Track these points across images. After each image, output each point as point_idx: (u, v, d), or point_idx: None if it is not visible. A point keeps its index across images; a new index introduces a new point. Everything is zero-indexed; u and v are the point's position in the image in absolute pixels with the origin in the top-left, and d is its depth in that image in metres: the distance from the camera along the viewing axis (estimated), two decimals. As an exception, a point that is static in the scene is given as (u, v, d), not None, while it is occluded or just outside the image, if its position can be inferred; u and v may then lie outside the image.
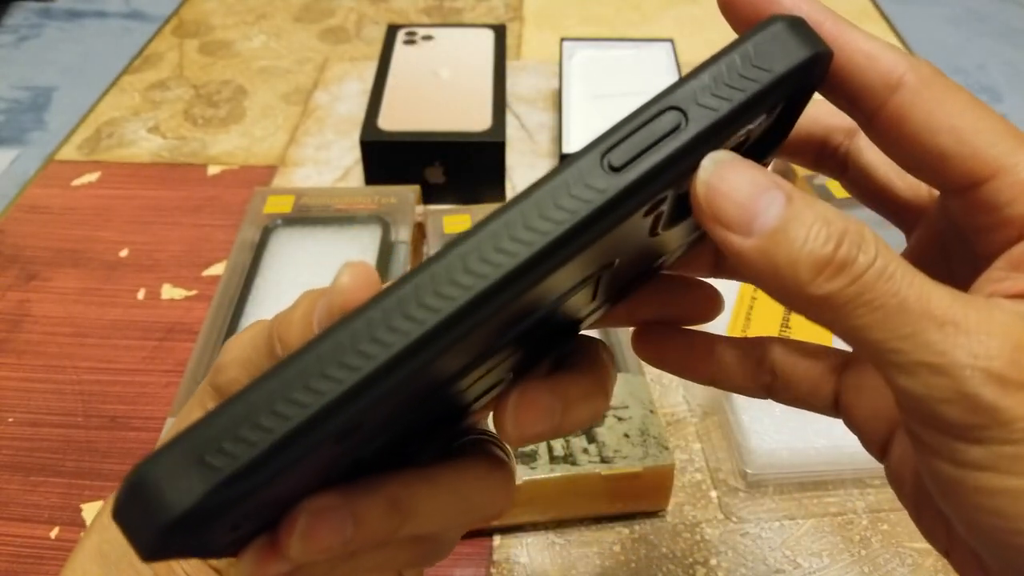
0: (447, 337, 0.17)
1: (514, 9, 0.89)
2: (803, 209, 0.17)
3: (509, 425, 0.21)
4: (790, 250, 0.17)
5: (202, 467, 0.16)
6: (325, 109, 0.74)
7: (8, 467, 0.46)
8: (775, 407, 0.44)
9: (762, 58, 0.18)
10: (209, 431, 0.16)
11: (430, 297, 0.17)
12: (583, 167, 0.18)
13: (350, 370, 0.16)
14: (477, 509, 0.23)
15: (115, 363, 0.51)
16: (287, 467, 0.17)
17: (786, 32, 0.19)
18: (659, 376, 0.50)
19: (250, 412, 0.16)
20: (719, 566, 0.41)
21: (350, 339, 0.16)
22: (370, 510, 0.20)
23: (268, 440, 0.16)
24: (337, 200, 0.56)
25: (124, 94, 0.76)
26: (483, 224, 0.17)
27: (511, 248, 0.17)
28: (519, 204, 0.17)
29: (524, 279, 0.17)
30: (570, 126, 0.63)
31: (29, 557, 0.42)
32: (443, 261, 0.17)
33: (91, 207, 0.63)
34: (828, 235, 0.17)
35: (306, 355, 0.17)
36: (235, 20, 0.87)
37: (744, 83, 0.18)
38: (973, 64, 0.87)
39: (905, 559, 0.41)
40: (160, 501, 0.16)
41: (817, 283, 0.17)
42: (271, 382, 0.16)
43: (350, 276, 0.19)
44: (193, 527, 0.16)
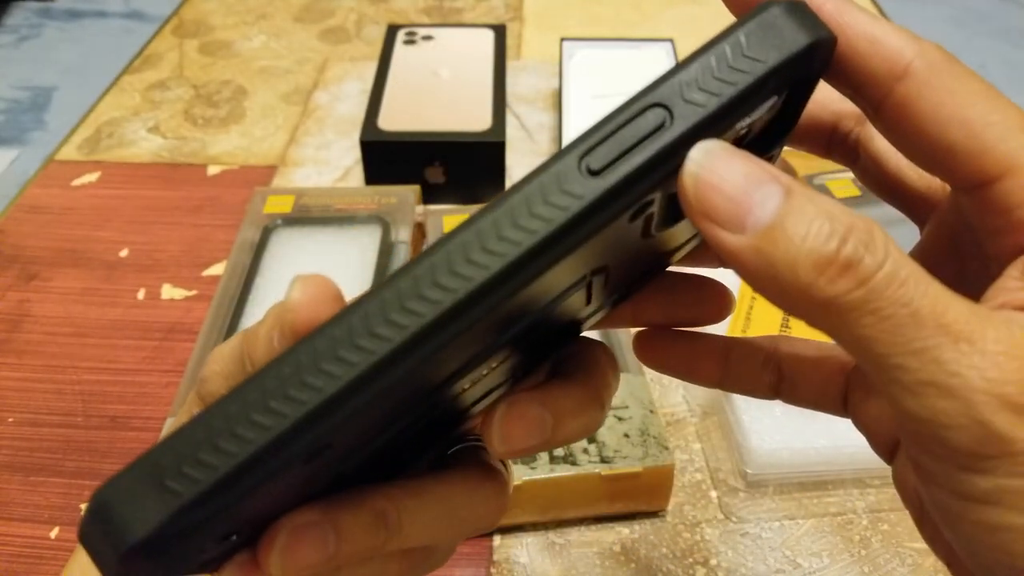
0: (413, 355, 0.16)
1: (514, 9, 0.89)
2: (804, 203, 0.16)
3: (496, 440, 0.20)
4: (788, 248, 0.15)
5: (162, 491, 0.15)
6: (325, 109, 0.74)
7: (8, 467, 0.46)
8: (775, 407, 0.44)
9: (755, 47, 0.17)
10: (169, 453, 0.16)
11: (396, 313, 0.16)
12: (560, 171, 0.16)
13: (312, 390, 0.16)
14: (467, 522, 0.22)
15: (115, 363, 0.51)
16: (251, 490, 0.16)
17: (783, 17, 0.17)
18: (659, 376, 0.50)
19: (211, 434, 0.16)
20: (719, 566, 0.41)
21: (312, 357, 0.16)
22: (354, 525, 0.19)
23: (230, 463, 0.16)
24: (337, 200, 0.56)
25: (124, 94, 0.76)
26: (455, 233, 0.16)
27: (482, 260, 0.16)
28: (493, 211, 0.16)
29: (496, 292, 0.16)
30: (570, 126, 0.63)
31: (29, 557, 0.42)
32: (413, 272, 0.16)
33: (91, 207, 0.63)
34: (832, 231, 0.15)
35: (266, 375, 0.16)
36: (235, 20, 0.87)
37: (735, 76, 0.17)
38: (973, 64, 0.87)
39: (905, 559, 0.41)
40: (120, 526, 0.15)
41: (819, 285, 0.15)
42: (231, 404, 0.16)
43: (300, 291, 0.18)
44: (158, 552, 0.16)
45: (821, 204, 0.16)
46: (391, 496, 0.20)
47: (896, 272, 0.15)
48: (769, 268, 0.16)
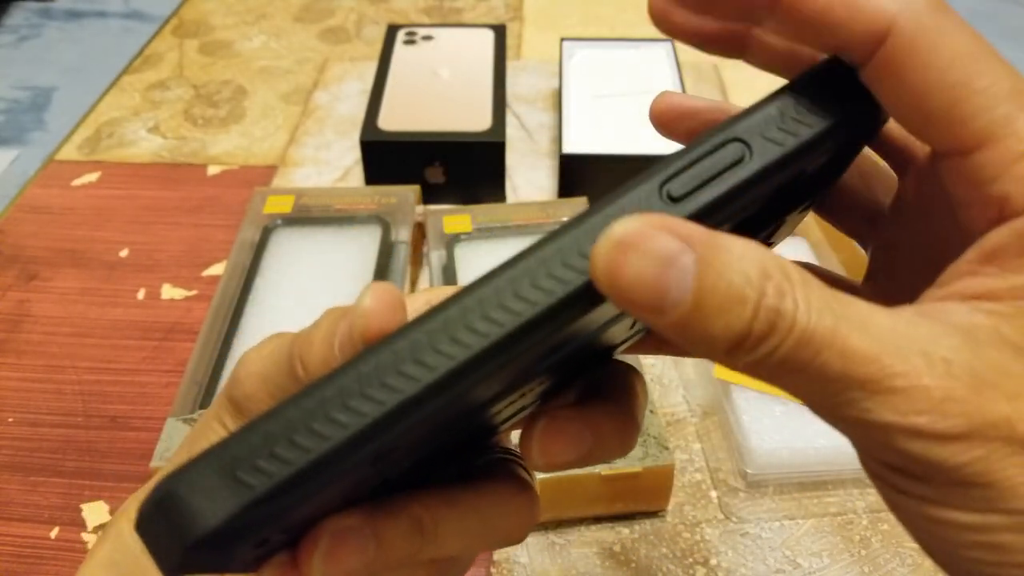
0: (495, 360, 0.16)
1: (514, 9, 0.89)
2: (717, 279, 0.15)
3: (536, 453, 0.21)
4: (705, 329, 0.15)
5: (235, 484, 0.16)
6: (325, 109, 0.74)
7: (8, 467, 0.46)
8: (775, 407, 0.44)
9: (814, 108, 0.18)
10: (242, 447, 0.16)
11: (480, 321, 0.16)
12: (641, 195, 0.17)
13: (392, 391, 0.16)
14: (500, 532, 0.22)
15: (115, 363, 0.51)
16: (321, 488, 0.16)
17: (834, 82, 0.18)
18: (659, 376, 0.50)
19: (286, 430, 0.16)
20: (719, 566, 0.41)
21: (393, 359, 0.16)
22: (393, 532, 0.20)
23: (304, 459, 0.16)
24: (337, 200, 0.56)
25: (124, 94, 0.76)
26: (538, 246, 0.17)
27: (562, 275, 0.16)
28: (572, 231, 0.17)
29: (572, 309, 0.16)
30: (570, 126, 0.63)
31: (29, 557, 0.42)
32: (496, 281, 0.16)
33: (91, 207, 0.63)
34: (744, 305, 0.15)
35: (344, 375, 0.16)
36: (235, 20, 0.87)
37: (812, 119, 0.18)
38: (973, 64, 0.87)
39: (905, 559, 0.41)
40: (189, 517, 0.15)
41: (735, 357, 0.16)
42: (308, 400, 0.16)
43: (373, 299, 0.18)
44: (220, 544, 0.16)
45: (735, 269, 0.15)
46: (428, 505, 0.21)
47: (804, 329, 0.15)
48: (690, 342, 0.16)
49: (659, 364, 0.51)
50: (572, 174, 0.61)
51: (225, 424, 0.24)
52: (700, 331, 0.16)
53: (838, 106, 0.18)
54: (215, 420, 0.24)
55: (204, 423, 0.25)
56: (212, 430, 0.24)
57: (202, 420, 0.25)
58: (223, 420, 0.24)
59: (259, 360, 0.23)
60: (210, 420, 0.24)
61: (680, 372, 0.50)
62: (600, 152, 0.60)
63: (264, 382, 0.22)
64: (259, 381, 0.22)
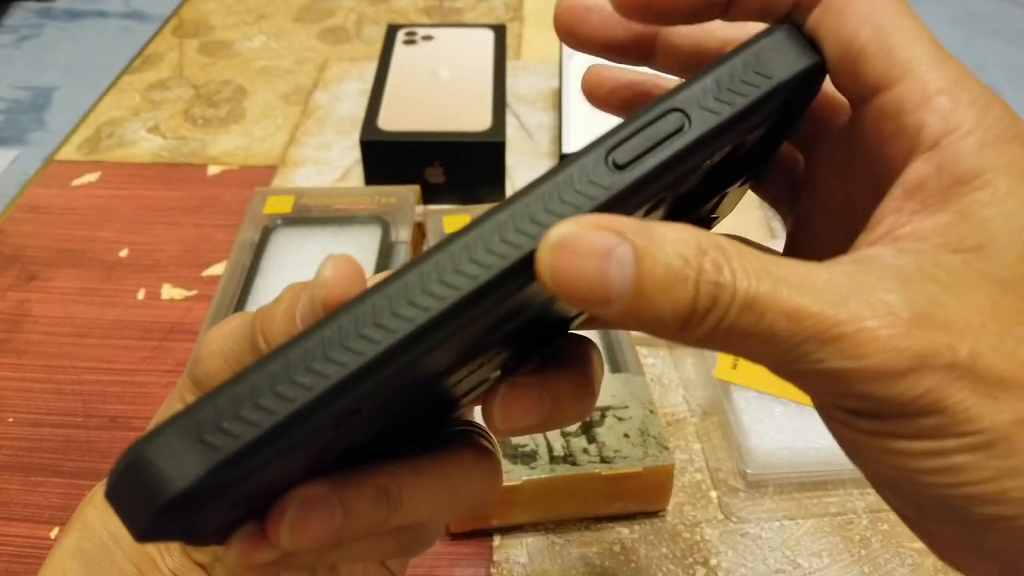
0: (453, 322, 0.17)
1: (514, 9, 0.89)
2: (653, 264, 0.16)
3: (497, 417, 0.22)
4: (652, 311, 0.17)
5: (202, 446, 0.16)
6: (325, 109, 0.74)
7: (8, 467, 0.46)
8: (775, 407, 0.44)
9: (764, 65, 0.19)
10: (208, 411, 0.16)
11: (436, 285, 0.17)
12: (588, 164, 0.18)
13: (354, 353, 0.16)
14: (464, 498, 0.23)
15: (115, 363, 0.51)
16: (288, 449, 0.17)
17: (786, 40, 0.19)
18: (659, 376, 0.50)
19: (252, 392, 0.16)
20: (719, 566, 0.41)
21: (354, 323, 0.17)
22: (359, 500, 0.20)
23: (270, 420, 0.16)
24: (337, 200, 0.56)
25: (124, 94, 0.76)
26: (491, 214, 0.17)
27: (515, 240, 0.17)
28: (524, 198, 0.17)
29: (526, 271, 0.17)
30: (570, 126, 0.63)
31: (29, 557, 0.42)
32: (452, 247, 0.17)
33: (91, 207, 0.63)
34: (684, 283, 0.16)
35: (309, 338, 0.17)
36: (235, 20, 0.87)
37: (746, 88, 0.19)
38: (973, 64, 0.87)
39: (905, 559, 0.41)
40: (158, 480, 0.16)
41: (687, 332, 0.17)
42: (273, 364, 0.17)
43: (333, 270, 0.19)
44: (189, 508, 0.16)
45: (668, 251, 0.16)
46: (393, 473, 0.21)
47: (746, 294, 0.16)
48: (642, 326, 0.17)
49: (659, 364, 0.51)
50: (572, 174, 0.61)
51: (187, 403, 0.23)
52: (648, 314, 0.17)
53: (769, 72, 0.19)
54: (178, 400, 0.24)
55: (169, 406, 0.24)
56: (175, 410, 0.24)
57: (167, 405, 0.25)
58: (186, 400, 0.23)
59: (220, 339, 0.23)
60: (174, 401, 0.24)
61: (680, 372, 0.50)
62: (600, 152, 0.60)
63: (226, 359, 0.22)
64: (221, 359, 0.22)
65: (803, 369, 0.17)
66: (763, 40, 0.19)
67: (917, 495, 0.18)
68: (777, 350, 0.17)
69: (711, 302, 0.16)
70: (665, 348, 0.52)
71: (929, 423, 0.17)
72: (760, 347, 0.17)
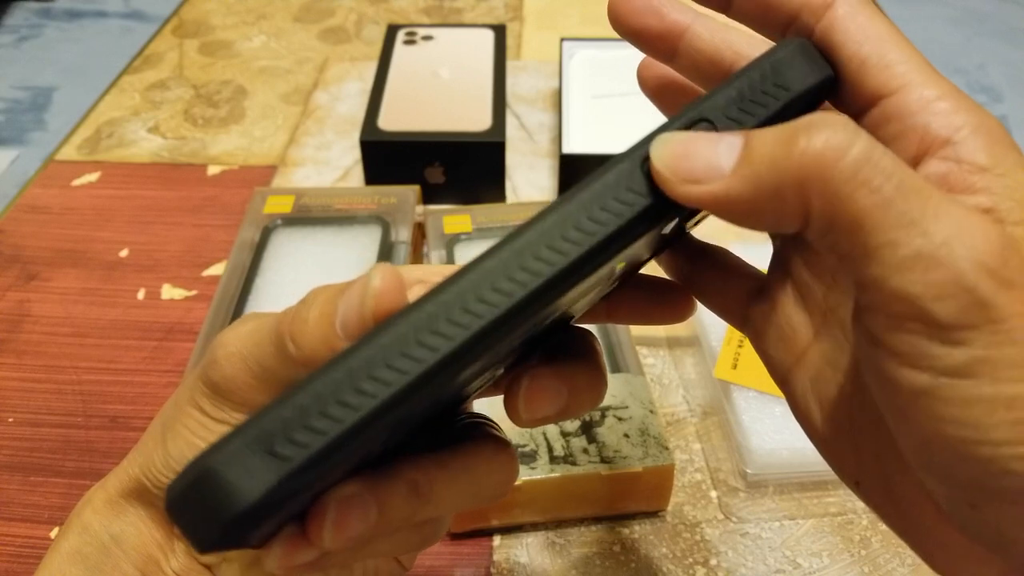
0: (509, 326, 0.18)
1: (514, 9, 0.89)
2: (762, 130, 0.18)
3: (522, 408, 0.23)
4: (763, 153, 0.17)
5: (272, 457, 0.16)
6: (325, 109, 0.74)
7: (8, 467, 0.46)
8: (775, 407, 0.44)
9: (782, 77, 0.20)
10: (275, 422, 0.17)
11: (489, 292, 0.18)
12: (623, 172, 0.19)
13: (414, 361, 0.17)
14: (486, 489, 0.24)
15: (115, 363, 0.51)
16: (350, 456, 0.17)
17: (802, 54, 0.20)
18: (659, 376, 0.50)
19: (318, 402, 0.17)
20: (719, 566, 0.41)
21: (412, 331, 0.17)
22: (392, 496, 0.21)
23: (337, 429, 0.17)
24: (337, 200, 0.56)
25: (124, 94, 0.76)
26: (533, 223, 0.18)
27: (563, 247, 0.18)
28: (566, 205, 0.18)
29: (574, 275, 0.18)
30: (570, 126, 0.63)
31: (29, 557, 0.42)
32: (494, 260, 0.18)
33: (91, 207, 0.63)
34: (792, 125, 0.17)
35: (368, 347, 0.17)
36: (235, 20, 0.87)
37: (766, 99, 0.20)
38: (973, 64, 0.87)
39: (905, 559, 0.41)
40: (229, 493, 0.16)
41: (800, 149, 0.17)
42: (336, 373, 0.17)
43: (382, 280, 0.19)
44: (258, 519, 0.17)
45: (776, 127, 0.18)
46: (422, 468, 0.22)
47: (873, 144, 0.17)
48: (755, 183, 0.18)
49: (659, 364, 0.51)
50: (572, 174, 0.61)
51: (203, 408, 0.23)
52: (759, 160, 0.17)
53: (787, 84, 0.20)
54: (190, 405, 0.23)
55: (177, 409, 0.24)
56: (188, 415, 0.23)
57: (174, 407, 0.24)
58: (199, 404, 0.23)
59: (237, 341, 0.22)
60: (184, 405, 0.24)
61: (680, 372, 0.50)
62: (600, 152, 0.60)
63: (245, 361, 0.22)
64: (239, 361, 0.22)
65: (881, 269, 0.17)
66: (780, 54, 0.20)
67: (953, 453, 0.17)
68: (895, 220, 0.16)
69: (831, 122, 0.17)
70: (665, 348, 0.52)
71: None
72: (876, 210, 0.17)
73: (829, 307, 0.23)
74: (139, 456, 0.25)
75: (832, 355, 0.22)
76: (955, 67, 0.86)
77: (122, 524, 0.25)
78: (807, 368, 0.23)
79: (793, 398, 0.23)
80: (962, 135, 0.19)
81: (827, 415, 0.22)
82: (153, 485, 0.24)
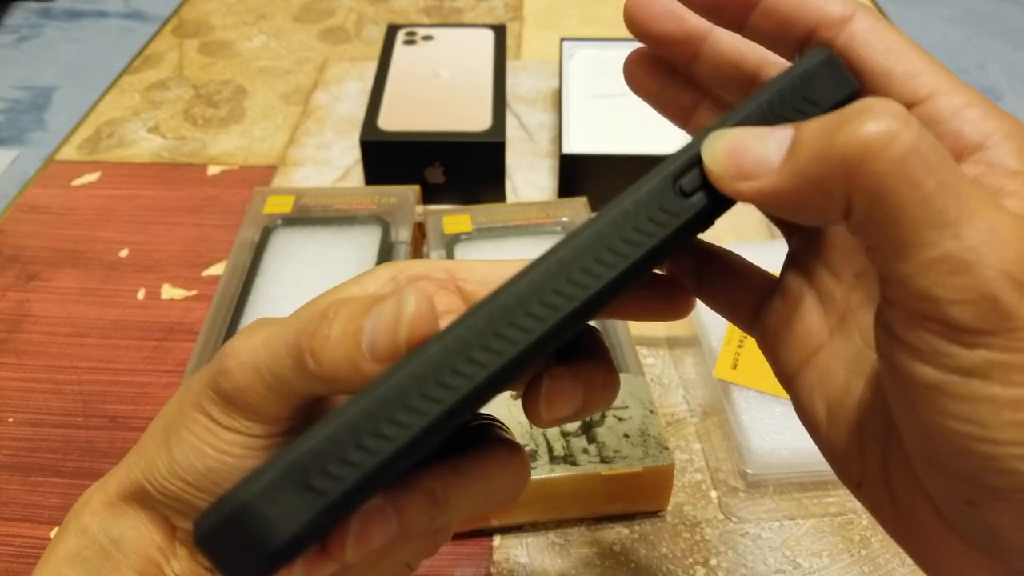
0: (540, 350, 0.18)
1: (514, 9, 0.89)
2: (810, 122, 0.18)
3: (543, 409, 0.23)
4: (812, 145, 0.17)
5: (308, 491, 0.17)
6: (325, 109, 0.74)
7: (8, 467, 0.46)
8: (775, 407, 0.44)
9: (810, 91, 0.20)
10: (309, 456, 0.17)
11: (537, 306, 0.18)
12: (655, 188, 0.19)
13: (449, 389, 0.17)
14: (500, 494, 0.24)
15: (115, 363, 0.51)
16: (385, 482, 0.17)
17: (830, 68, 0.20)
18: (659, 376, 0.50)
19: (353, 434, 0.17)
20: (719, 566, 0.41)
21: (449, 357, 0.18)
22: (411, 506, 0.21)
23: (374, 461, 0.17)
24: (337, 200, 0.56)
25: (124, 94, 0.76)
26: (573, 238, 0.19)
27: (609, 259, 0.18)
28: (597, 225, 0.19)
29: (615, 290, 0.19)
30: (570, 126, 0.63)
31: (29, 557, 0.42)
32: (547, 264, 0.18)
33: (91, 207, 0.63)
34: (844, 111, 0.17)
35: (402, 376, 0.17)
36: (235, 20, 0.87)
37: (795, 115, 0.20)
38: (973, 64, 0.87)
39: (905, 559, 0.41)
40: (267, 528, 0.16)
41: (846, 134, 0.17)
42: (369, 404, 0.17)
43: (417, 306, 0.19)
44: (294, 551, 0.17)
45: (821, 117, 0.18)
46: (438, 476, 0.22)
47: (922, 135, 0.16)
48: (802, 176, 0.18)
49: (659, 364, 0.51)
50: (572, 174, 0.61)
51: (212, 415, 0.22)
52: (807, 152, 0.17)
53: (815, 99, 0.20)
54: (197, 411, 0.23)
55: (182, 414, 0.23)
56: (195, 421, 0.23)
57: (177, 411, 0.23)
58: (208, 411, 0.22)
59: (250, 351, 0.22)
60: (189, 410, 0.23)
61: (680, 372, 0.50)
62: (600, 152, 0.60)
63: (258, 372, 0.21)
64: (252, 371, 0.21)
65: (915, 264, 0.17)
66: (808, 67, 0.20)
67: (956, 448, 0.17)
68: (931, 219, 0.16)
69: (884, 106, 0.17)
70: (665, 348, 0.52)
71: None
72: (913, 205, 0.16)
73: (849, 308, 0.23)
74: (140, 460, 0.25)
75: (846, 355, 0.22)
76: (955, 67, 0.86)
77: (122, 527, 0.25)
78: (816, 368, 0.23)
79: (798, 398, 0.23)
80: (994, 140, 0.19)
81: (833, 415, 0.22)
82: (156, 490, 0.24)
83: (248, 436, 0.22)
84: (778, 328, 0.24)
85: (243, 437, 0.22)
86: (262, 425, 0.22)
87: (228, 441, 0.22)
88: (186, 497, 0.23)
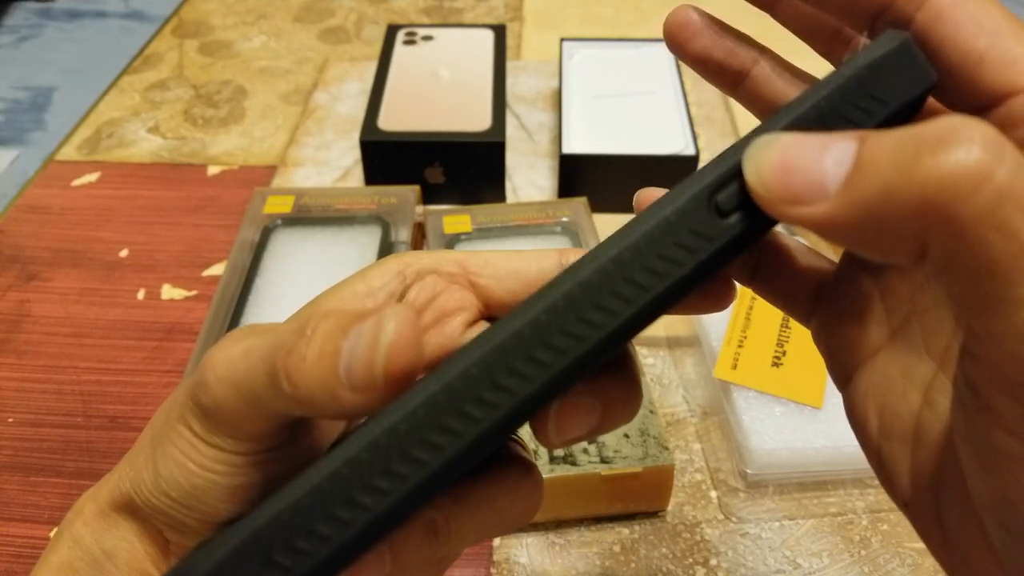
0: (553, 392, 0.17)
1: (514, 9, 0.89)
2: (878, 137, 0.14)
3: (552, 430, 0.20)
4: (876, 178, 0.14)
5: (269, 568, 0.15)
6: (325, 109, 0.74)
7: (8, 467, 0.46)
8: (775, 407, 0.44)
9: (879, 87, 0.17)
10: (274, 528, 0.15)
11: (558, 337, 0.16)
12: (688, 206, 0.17)
13: (437, 450, 0.15)
14: (510, 520, 0.22)
15: (115, 363, 0.51)
16: (366, 549, 0.15)
17: (903, 56, 0.17)
18: (659, 376, 0.50)
19: (325, 500, 0.15)
20: (719, 566, 0.41)
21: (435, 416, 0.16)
22: (407, 542, 0.19)
23: (345, 533, 0.15)
24: (337, 200, 0.56)
25: (124, 94, 0.76)
26: (587, 275, 0.16)
27: (628, 292, 0.16)
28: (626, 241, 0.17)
29: (640, 323, 0.17)
30: (570, 126, 0.63)
31: (29, 557, 0.42)
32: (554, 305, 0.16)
33: (91, 207, 0.63)
34: (913, 136, 0.14)
35: (375, 432, 0.15)
36: (235, 20, 0.87)
37: (859, 116, 0.17)
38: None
39: (905, 559, 0.41)
40: None
41: (922, 171, 0.13)
42: (344, 465, 0.15)
43: (397, 331, 0.16)
44: None
45: (892, 132, 0.14)
46: (439, 505, 0.20)
47: (1020, 169, 0.13)
48: (865, 210, 0.14)
49: (659, 364, 0.51)
50: (572, 174, 0.61)
51: (194, 430, 0.21)
52: (871, 185, 0.14)
53: (884, 96, 0.17)
54: (181, 424, 0.21)
55: (168, 425, 0.22)
56: (179, 435, 0.21)
57: (164, 421, 0.22)
58: (190, 424, 0.21)
59: (229, 364, 0.19)
60: (174, 422, 0.21)
61: (680, 372, 0.50)
62: (600, 152, 0.60)
63: (236, 388, 0.19)
64: (230, 388, 0.19)
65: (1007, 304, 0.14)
66: (876, 56, 0.17)
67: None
68: (1012, 275, 0.14)
69: (967, 139, 0.13)
70: (665, 348, 0.52)
71: None
72: (1005, 258, 0.14)
73: (914, 309, 0.20)
74: (130, 470, 0.23)
75: (906, 362, 0.20)
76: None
77: (114, 538, 0.24)
78: (873, 372, 0.21)
79: (851, 402, 0.22)
80: None
81: (887, 425, 0.20)
82: (143, 503, 0.22)
83: (232, 453, 0.20)
84: (835, 324, 0.22)
85: (226, 454, 0.20)
86: (245, 443, 0.20)
87: (211, 458, 0.20)
88: (172, 513, 0.21)
